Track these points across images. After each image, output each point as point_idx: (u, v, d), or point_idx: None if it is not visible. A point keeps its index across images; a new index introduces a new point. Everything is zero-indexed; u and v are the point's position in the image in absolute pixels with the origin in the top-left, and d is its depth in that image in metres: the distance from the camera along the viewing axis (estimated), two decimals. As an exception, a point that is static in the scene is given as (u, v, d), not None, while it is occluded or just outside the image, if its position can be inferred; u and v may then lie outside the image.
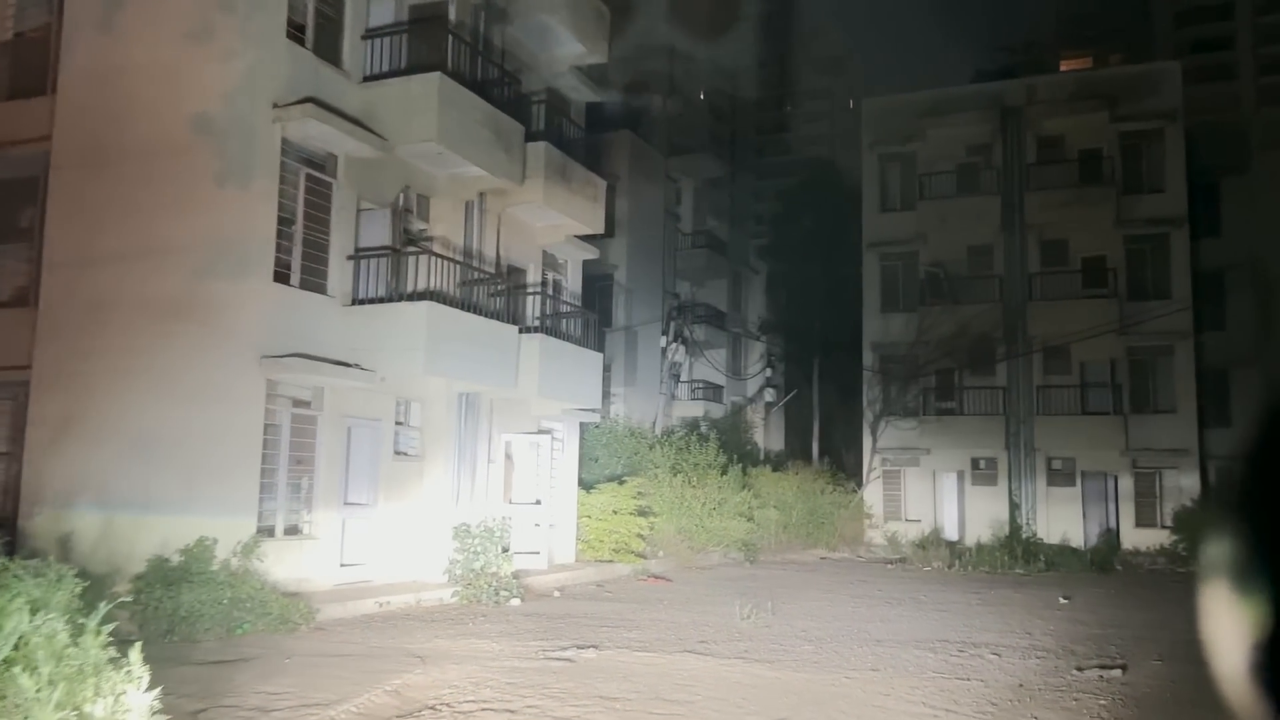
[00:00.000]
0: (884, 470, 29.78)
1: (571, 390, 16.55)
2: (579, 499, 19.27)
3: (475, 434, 15.31)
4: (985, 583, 19.98)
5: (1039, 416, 27.82)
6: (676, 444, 25.20)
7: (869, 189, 30.94)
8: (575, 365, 16.52)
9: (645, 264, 34.81)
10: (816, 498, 28.21)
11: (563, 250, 18.24)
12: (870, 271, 30.77)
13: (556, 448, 18.32)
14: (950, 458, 28.81)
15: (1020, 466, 27.99)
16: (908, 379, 29.15)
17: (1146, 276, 27.72)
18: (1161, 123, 27.67)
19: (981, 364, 28.64)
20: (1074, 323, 27.02)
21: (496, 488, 16.23)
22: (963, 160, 29.53)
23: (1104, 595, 17.48)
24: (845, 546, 28.02)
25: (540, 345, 15.40)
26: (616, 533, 18.96)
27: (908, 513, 29.52)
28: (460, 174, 14.75)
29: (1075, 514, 27.37)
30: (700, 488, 23.78)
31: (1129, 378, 27.45)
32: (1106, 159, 27.96)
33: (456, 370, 13.63)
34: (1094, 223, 27.72)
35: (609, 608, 13.78)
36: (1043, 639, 11.77)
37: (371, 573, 13.68)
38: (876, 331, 30.26)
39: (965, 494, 28.84)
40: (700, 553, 22.42)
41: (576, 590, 15.93)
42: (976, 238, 29.02)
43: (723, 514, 23.89)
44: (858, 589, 17.74)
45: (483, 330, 13.96)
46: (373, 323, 13.11)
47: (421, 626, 11.60)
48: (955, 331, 28.14)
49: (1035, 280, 28.31)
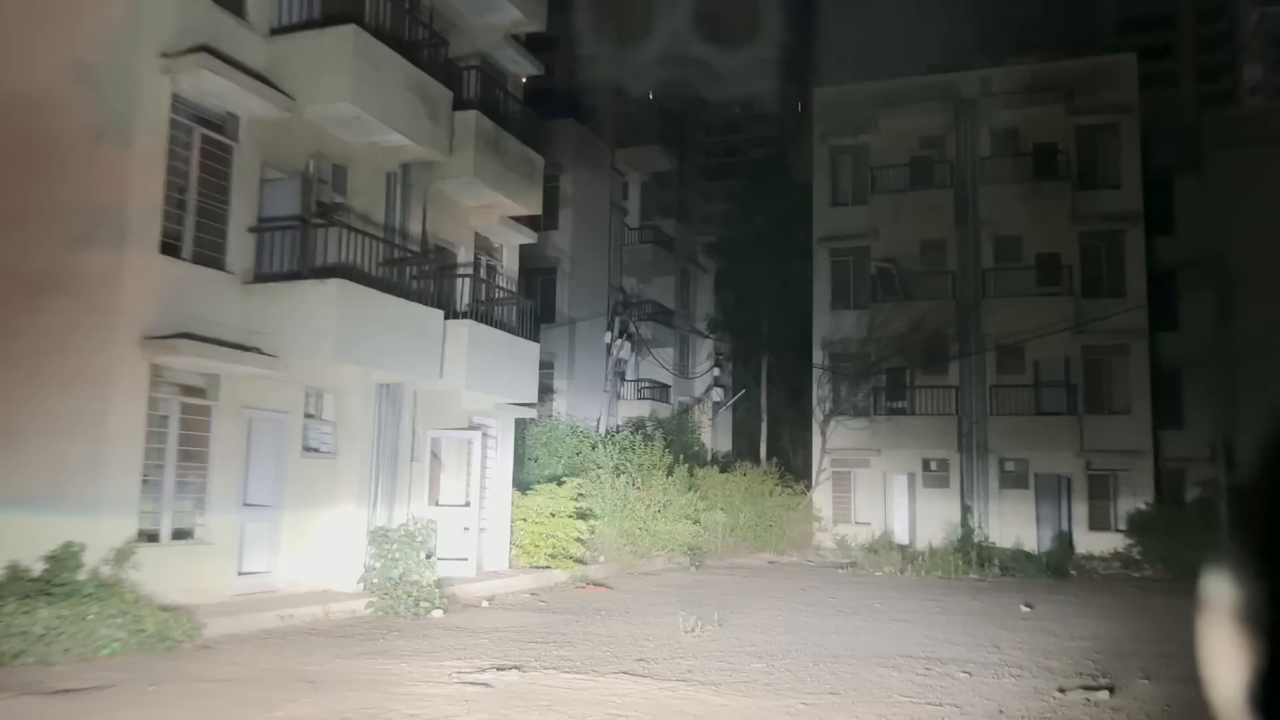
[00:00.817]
0: (834, 472, 28.88)
1: (505, 383, 15.27)
2: (514, 501, 17.98)
3: (397, 429, 13.97)
4: (941, 588, 19.09)
5: (992, 417, 27.12)
6: (620, 443, 24.02)
7: (820, 182, 30.06)
8: (509, 356, 15.25)
9: (590, 257, 33.61)
10: (765, 500, 27.24)
11: (497, 233, 16.96)
12: (821, 267, 29.88)
13: (489, 445, 17.02)
14: (901, 459, 28.00)
15: (973, 468, 27.26)
16: (858, 378, 28.29)
17: (1101, 274, 27.16)
18: (1117, 116, 27.14)
19: (934, 363, 27.88)
20: (1028, 321, 26.36)
21: (421, 488, 14.89)
22: (916, 153, 28.76)
23: (1066, 603, 16.64)
24: (794, 550, 27.06)
25: (469, 333, 14.09)
26: (554, 537, 17.70)
27: (857, 515, 28.65)
28: (380, 142, 13.41)
29: (1028, 517, 26.69)
30: (645, 489, 22.65)
31: (1083, 378, 26.86)
32: (1062, 153, 27.37)
33: (373, 358, 12.29)
34: (1049, 218, 27.10)
35: (540, 619, 12.53)
36: (1013, 653, 10.77)
37: (275, 581, 12.28)
38: (827, 329, 29.36)
39: (916, 496, 28.04)
40: (644, 557, 21.26)
41: (508, 599, 14.65)
42: (929, 233, 28.26)
43: (668, 516, 22.77)
44: (809, 596, 16.70)
45: (403, 314, 12.63)
46: (277, 303, 11.72)
47: (325, 643, 10.26)
48: (907, 329, 27.34)
49: (989, 277, 27.61)
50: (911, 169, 28.51)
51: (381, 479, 13.63)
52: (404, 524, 13.67)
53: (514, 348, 15.42)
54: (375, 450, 13.57)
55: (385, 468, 13.72)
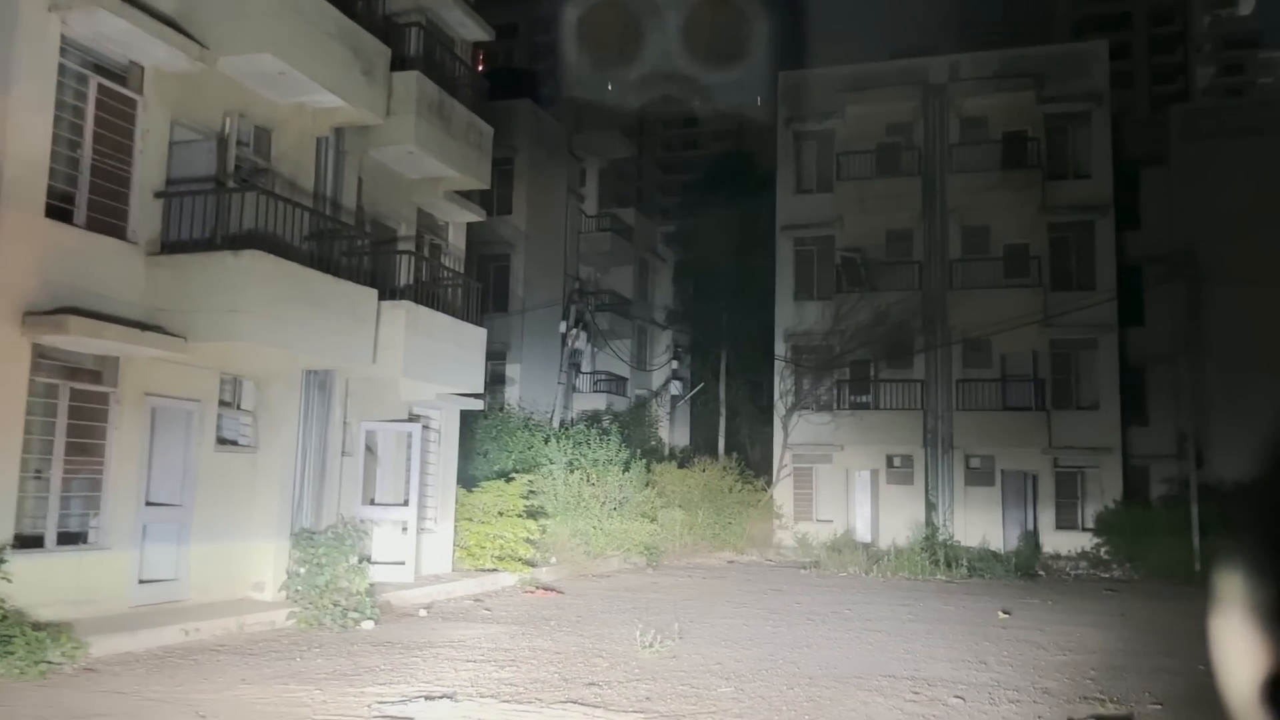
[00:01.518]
0: (795, 468, 27.94)
1: (447, 371, 14.01)
2: (459, 499, 16.74)
3: (326, 421, 12.68)
4: (909, 591, 18.18)
5: (958, 412, 26.33)
6: (575, 438, 22.88)
7: (784, 169, 29.05)
8: (452, 342, 13.99)
9: (545, 245, 32.37)
10: (724, 496, 26.24)
11: (442, 209, 15.68)
12: (784, 256, 28.90)
13: (431, 439, 15.77)
14: (864, 455, 27.13)
15: (938, 465, 26.47)
16: (821, 371, 27.37)
17: (1070, 266, 26.47)
18: (1088, 105, 26.44)
19: (899, 356, 27.03)
20: (995, 313, 25.59)
21: (354, 486, 13.61)
22: (883, 140, 27.87)
23: (1042, 608, 15.78)
24: (754, 549, 26.10)
25: (407, 315, 12.81)
26: (501, 537, 16.50)
27: (819, 513, 27.74)
28: (308, 103, 12.09)
29: (994, 515, 25.95)
30: (600, 486, 21.54)
31: (1051, 372, 26.16)
32: (1031, 141, 26.62)
33: (296, 340, 10.99)
34: (1018, 208, 26.34)
35: (482, 632, 11.34)
36: (1003, 670, 9.80)
37: (183, 590, 10.95)
38: (789, 320, 28.40)
39: (880, 493, 27.20)
40: (598, 558, 20.13)
41: (448, 607, 13.44)
42: (896, 222, 27.39)
43: (623, 515, 21.67)
44: (773, 600, 15.68)
45: (331, 292, 11.34)
46: (187, 277, 10.39)
47: (231, 663, 9.00)
48: (872, 321, 26.47)
49: (956, 268, 26.82)
50: (878, 156, 27.62)
51: (308, 476, 12.34)
52: (333, 525, 12.41)
53: (458, 333, 14.16)
54: (301, 444, 12.28)
55: (313, 463, 12.44)
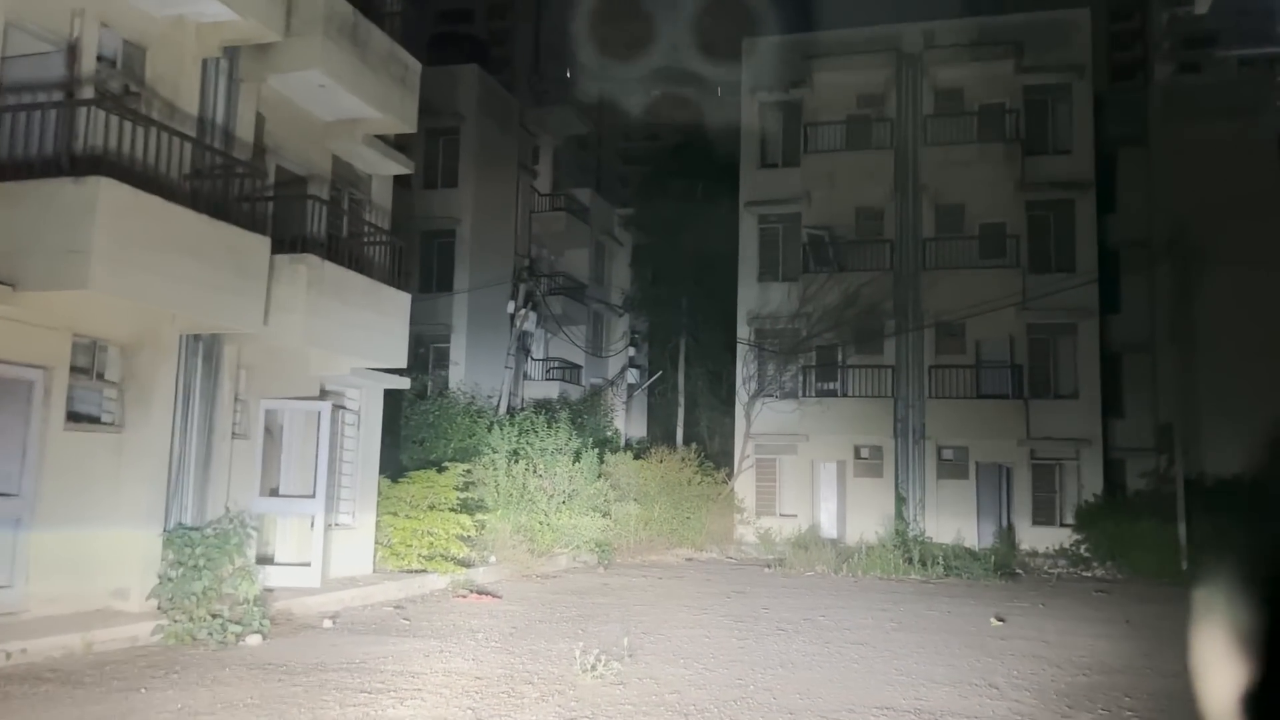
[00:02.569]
0: (758, 459, 26.26)
1: (363, 342, 12.03)
2: (382, 491, 14.78)
3: (213, 396, 10.67)
4: (884, 593, 16.55)
5: (930, 400, 24.79)
6: (521, 425, 20.97)
7: (748, 142, 27.31)
8: (369, 308, 12.02)
9: (494, 222, 30.38)
10: (683, 489, 24.47)
11: (363, 158, 13.65)
12: (747, 235, 27.17)
13: (348, 422, 13.79)
14: (831, 445, 25.52)
15: (909, 456, 24.91)
16: (786, 356, 25.70)
17: (1049, 247, 25.03)
18: (1069, 76, 24.99)
19: (868, 340, 25.44)
20: (970, 295, 24.07)
21: (249, 474, 11.61)
22: (853, 112, 26.24)
23: (1035, 612, 14.19)
24: (714, 545, 24.40)
25: (310, 272, 10.82)
26: (431, 534, 14.56)
27: (782, 507, 26.10)
28: (190, 14, 10.05)
29: (968, 510, 24.46)
30: (548, 477, 19.66)
31: (1029, 359, 24.71)
32: (1010, 113, 25.12)
33: (160, 294, 8.97)
34: (994, 185, 24.84)
35: (392, 648, 9.43)
36: (1020, 697, 8.10)
37: (18, 600, 8.91)
38: (753, 302, 26.69)
39: (847, 486, 25.60)
40: (544, 556, 18.27)
41: (361, 616, 11.50)
42: (866, 198, 25.77)
43: (573, 509, 19.80)
44: (737, 605, 13.92)
45: (208, 237, 9.32)
46: (17, 209, 8.34)
47: (54, 697, 7.03)
48: (840, 303, 24.83)
49: (929, 247, 25.26)
50: (848, 128, 25.98)
51: (189, 461, 10.34)
52: (218, 520, 10.41)
53: (376, 297, 12.18)
54: (180, 423, 10.27)
55: (195, 446, 10.43)
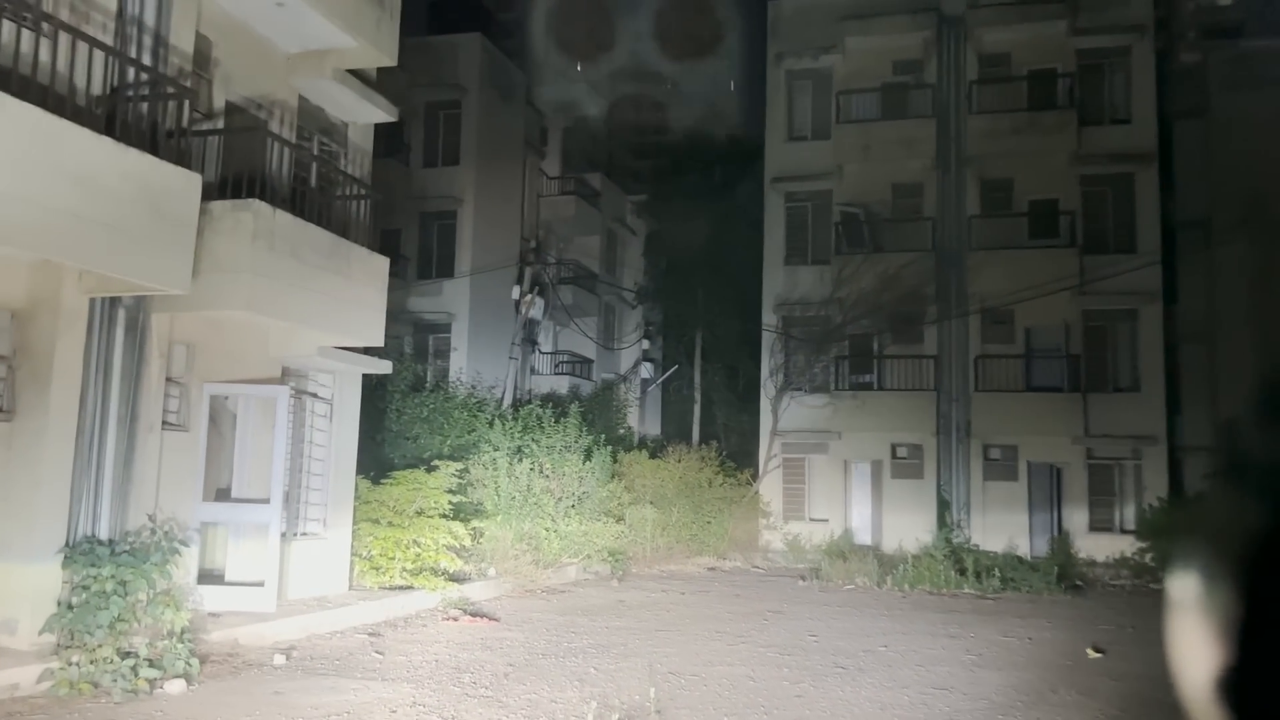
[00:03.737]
0: (785, 459, 24.08)
1: (327, 312, 9.88)
2: (360, 494, 12.67)
3: (136, 377, 8.57)
4: (941, 611, 14.38)
5: (976, 394, 22.58)
6: (525, 419, 18.86)
7: (774, 112, 25.12)
8: (336, 271, 9.89)
9: (498, 204, 28.27)
10: (703, 491, 22.34)
11: (335, 100, 11.53)
12: (773, 214, 24.97)
13: (319, 413, 11.68)
14: (865, 443, 23.33)
15: (952, 455, 22.70)
16: (817, 346, 23.50)
17: (1107, 225, 22.79)
18: (1129, 37, 22.74)
19: (907, 328, 23.24)
20: (1019, 278, 21.85)
21: (187, 474, 9.49)
22: (889, 80, 24.04)
23: (1129, 638, 11.98)
24: (737, 552, 22.22)
25: (256, 221, 8.66)
26: (417, 544, 12.45)
27: (812, 511, 23.92)
28: (100, -109, 7.98)
29: (1018, 514, 22.23)
30: (555, 477, 17.58)
31: (1084, 348, 22.45)
32: (1063, 79, 22.87)
33: (40, 236, 6.83)
34: (1045, 157, 22.61)
35: (350, 698, 7.30)
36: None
37: None
38: (780, 287, 24.49)
39: (883, 489, 23.41)
40: (550, 567, 16.16)
41: (324, 648, 9.39)
42: (904, 173, 23.56)
43: (583, 513, 17.72)
44: (779, 630, 11.77)
45: (113, 166, 7.19)
46: None
47: None
48: (876, 287, 22.61)
49: (974, 226, 23.04)
50: (883, 96, 23.77)
51: (104, 458, 8.24)
52: (137, 532, 8.31)
53: (345, 260, 10.04)
54: (93, 409, 8.17)
55: (113, 439, 8.33)
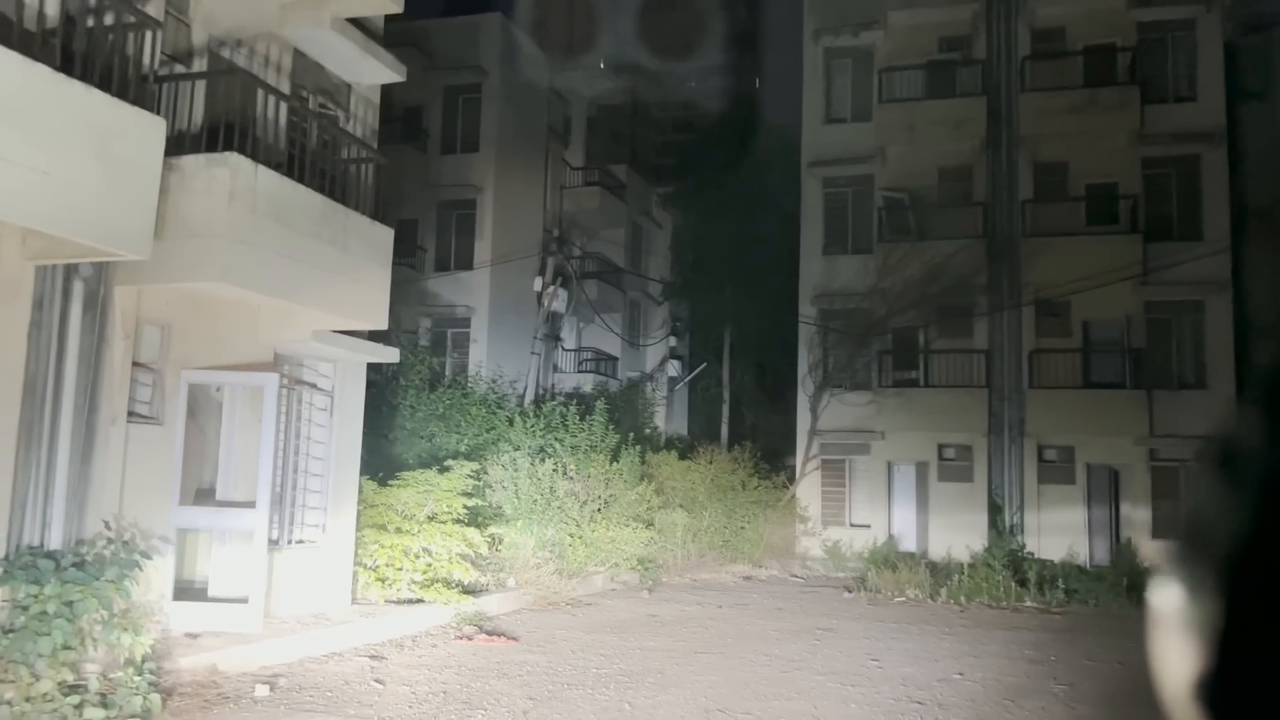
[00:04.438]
0: (823, 460, 22.66)
1: (321, 288, 8.59)
2: (366, 496, 11.41)
3: (95, 360, 7.32)
4: (1009, 629, 12.98)
5: (1030, 391, 21.08)
6: (548, 417, 17.61)
7: (811, 92, 23.70)
8: (331, 241, 8.60)
9: (519, 192, 27.01)
10: (735, 495, 21.02)
11: (337, 54, 10.23)
12: (811, 201, 23.55)
13: (318, 406, 10.42)
14: (910, 444, 21.87)
15: (1004, 456, 21.21)
16: (858, 340, 22.07)
17: (1170, 210, 21.23)
18: (1193, 9, 21.19)
19: (955, 321, 21.78)
20: (1076, 267, 20.34)
21: (160, 473, 8.24)
22: (935, 57, 22.58)
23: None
24: (773, 560, 20.86)
25: (234, 178, 7.36)
26: (428, 553, 11.17)
27: (853, 516, 22.49)
28: None
29: (1075, 520, 20.70)
30: (580, 479, 16.30)
31: (1146, 342, 20.90)
32: (1122, 53, 21.34)
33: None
34: (1104, 138, 21.10)
35: (337, 748, 6.04)
36: None
37: None
38: (817, 278, 23.06)
39: (929, 492, 21.94)
40: (576, 577, 14.86)
41: (317, 676, 8.11)
42: (951, 156, 22.09)
43: (610, 518, 16.41)
44: (833, 652, 10.39)
45: (51, 99, 5.96)
46: None
47: None
48: (922, 277, 21.15)
49: (1027, 212, 21.53)
50: (930, 73, 22.30)
51: (55, 454, 7.01)
52: (89, 541, 7.06)
53: (341, 228, 8.74)
54: (41, 398, 6.94)
55: (67, 433, 7.10)
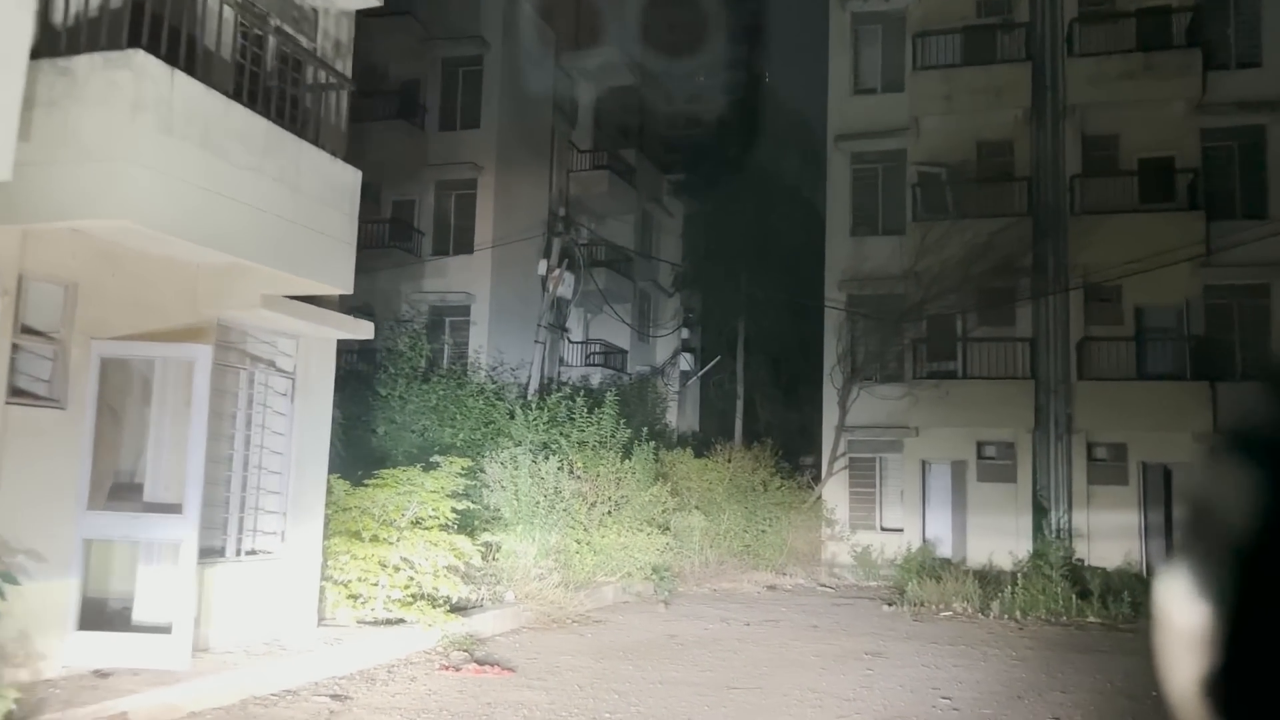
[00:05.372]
0: (851, 459, 20.90)
1: (265, 235, 6.83)
2: (337, 499, 9.69)
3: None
4: (1077, 649, 11.26)
5: (1079, 383, 19.30)
6: (553, 410, 15.92)
7: (838, 62, 21.93)
8: (277, 177, 6.83)
9: (523, 172, 25.31)
10: (756, 496, 19.32)
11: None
12: (838, 179, 21.76)
13: (277, 390, 8.71)
14: (947, 441, 20.10)
15: (1050, 454, 19.44)
16: (890, 328, 20.31)
17: (1232, 186, 19.43)
18: (1260, -35, 19.42)
19: (996, 307, 20.01)
20: (1129, 249, 18.56)
21: (59, 469, 6.53)
22: (973, 21, 20.81)
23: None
24: (797, 566, 19.14)
25: (139, 86, 5.58)
26: (410, 564, 9.46)
27: (884, 519, 20.73)
28: None
29: (1128, 524, 18.91)
30: (588, 479, 14.62)
31: (1206, 330, 19.11)
32: (1179, 14, 19.53)
33: None
34: (1159, 107, 19.32)
35: None
36: None
37: None
38: (845, 261, 21.28)
39: (967, 493, 20.16)
40: (583, 590, 13.16)
41: (257, 725, 6.43)
42: (992, 128, 20.31)
43: (621, 521, 14.71)
44: (891, 685, 8.65)
45: None
46: None
47: None
48: (960, 260, 19.38)
49: (1075, 188, 19.76)
50: (967, 39, 20.53)
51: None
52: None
53: (291, 162, 6.96)
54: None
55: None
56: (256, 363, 8.43)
